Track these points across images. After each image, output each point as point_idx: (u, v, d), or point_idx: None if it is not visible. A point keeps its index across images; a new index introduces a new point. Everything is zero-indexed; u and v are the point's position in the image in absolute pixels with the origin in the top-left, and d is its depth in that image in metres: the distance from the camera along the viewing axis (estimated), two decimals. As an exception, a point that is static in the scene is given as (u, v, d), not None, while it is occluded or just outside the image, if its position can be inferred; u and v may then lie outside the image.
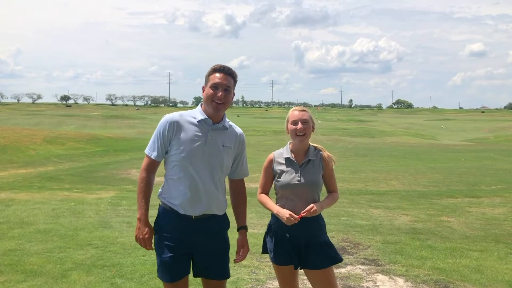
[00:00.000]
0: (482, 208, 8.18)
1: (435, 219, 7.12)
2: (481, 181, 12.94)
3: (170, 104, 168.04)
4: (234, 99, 2.79)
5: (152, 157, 2.64)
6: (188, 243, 2.61)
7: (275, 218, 2.86)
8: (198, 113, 2.64)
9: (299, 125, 2.81)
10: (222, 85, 2.57)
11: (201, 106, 2.69)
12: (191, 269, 2.69)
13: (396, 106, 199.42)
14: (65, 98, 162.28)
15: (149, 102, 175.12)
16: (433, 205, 8.53)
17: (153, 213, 2.69)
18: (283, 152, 2.90)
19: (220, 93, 2.56)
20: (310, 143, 2.92)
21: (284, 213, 2.72)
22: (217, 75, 2.59)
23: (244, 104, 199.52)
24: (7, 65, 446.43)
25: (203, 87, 2.65)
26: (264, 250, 2.97)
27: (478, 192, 10.50)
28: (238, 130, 2.76)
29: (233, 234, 2.80)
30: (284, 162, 2.86)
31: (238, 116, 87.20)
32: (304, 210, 2.71)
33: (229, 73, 2.61)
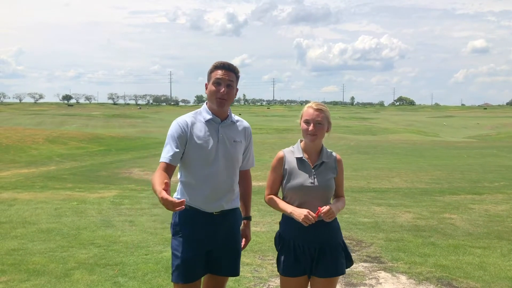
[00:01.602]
0: (484, 205, 8.15)
1: (438, 216, 7.10)
2: (484, 178, 12.92)
3: (172, 103, 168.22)
4: (239, 95, 2.80)
5: (167, 161, 2.51)
6: (208, 241, 2.62)
7: (283, 226, 2.67)
8: (205, 113, 2.68)
9: (311, 127, 2.57)
10: (224, 80, 2.60)
11: (206, 104, 2.71)
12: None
13: (398, 103, 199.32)
14: (67, 97, 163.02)
15: (151, 101, 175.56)
16: (436, 202, 8.51)
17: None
18: (294, 151, 2.67)
19: (223, 89, 2.59)
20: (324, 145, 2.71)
21: (301, 212, 2.48)
22: (219, 71, 2.61)
23: (246, 102, 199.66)
24: (9, 65, 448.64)
25: (206, 85, 2.67)
26: (278, 266, 2.68)
27: (481, 189, 10.48)
28: (245, 123, 2.82)
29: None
30: (295, 162, 2.63)
31: (240, 114, 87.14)
32: (323, 210, 2.46)
33: (230, 69, 2.64)
